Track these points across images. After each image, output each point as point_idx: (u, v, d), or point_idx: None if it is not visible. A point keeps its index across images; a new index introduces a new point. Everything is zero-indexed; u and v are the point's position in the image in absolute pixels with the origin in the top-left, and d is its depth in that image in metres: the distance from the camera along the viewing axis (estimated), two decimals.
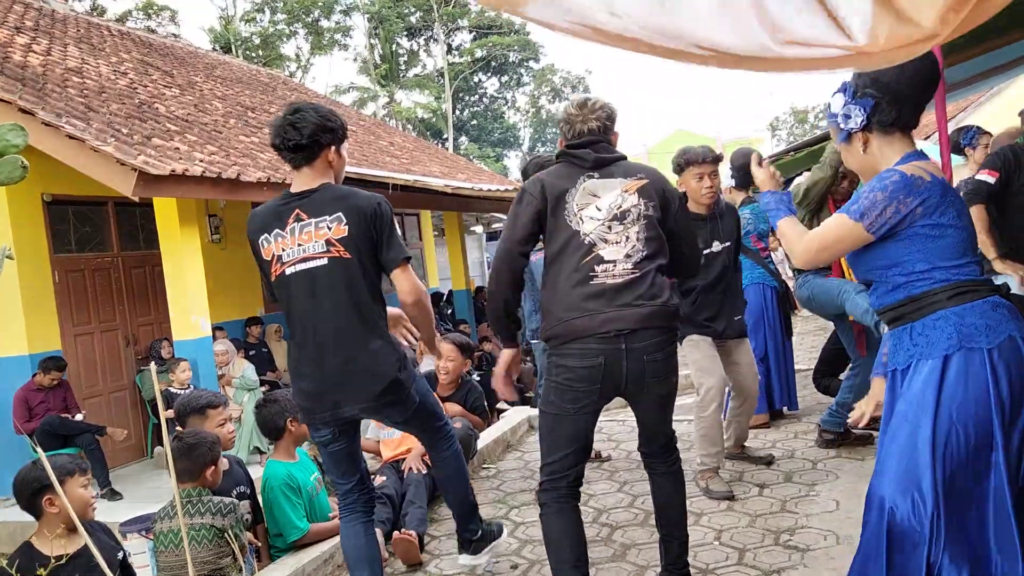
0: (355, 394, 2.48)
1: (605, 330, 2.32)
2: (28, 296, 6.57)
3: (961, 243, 1.91)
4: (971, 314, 1.87)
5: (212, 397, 3.42)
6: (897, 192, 1.88)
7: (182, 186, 5.81)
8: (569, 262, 2.40)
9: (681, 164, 3.69)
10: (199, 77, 10.92)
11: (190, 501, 2.88)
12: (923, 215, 1.88)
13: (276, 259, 2.48)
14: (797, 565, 2.83)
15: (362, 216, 2.43)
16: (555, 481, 2.44)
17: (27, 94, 6.03)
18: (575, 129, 2.55)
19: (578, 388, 2.38)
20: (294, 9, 26.79)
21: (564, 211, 2.44)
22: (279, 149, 2.51)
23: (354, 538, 2.66)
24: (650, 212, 2.46)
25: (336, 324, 2.43)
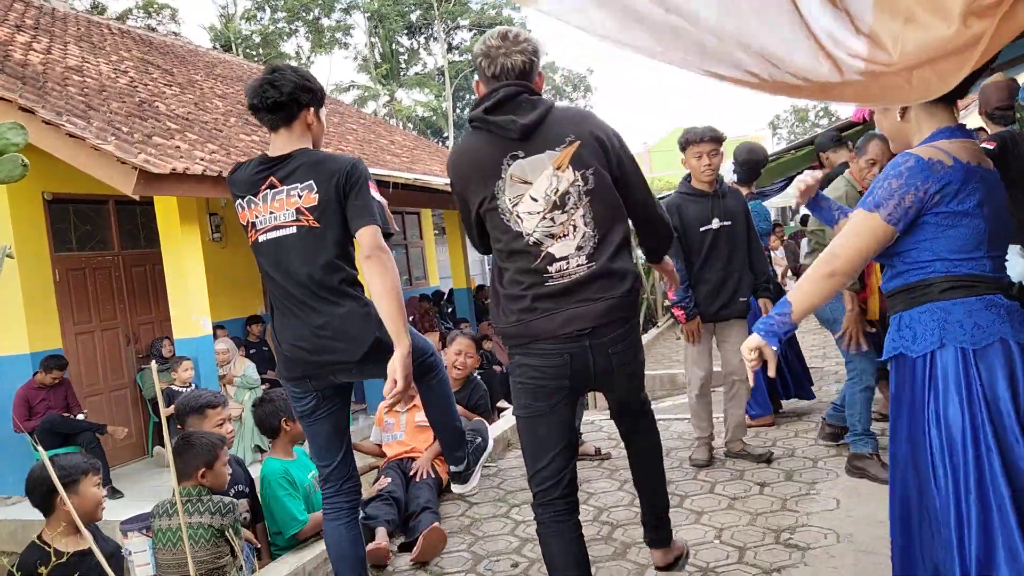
0: (333, 360, 2.42)
1: (565, 331, 2.18)
2: (29, 295, 6.57)
3: (977, 234, 1.77)
4: (959, 310, 1.77)
5: (211, 397, 3.42)
6: (914, 178, 1.75)
7: (183, 185, 5.81)
8: (518, 264, 2.23)
9: (682, 143, 3.85)
10: (199, 75, 10.92)
11: (189, 500, 2.86)
12: (939, 203, 1.75)
13: (251, 225, 2.46)
14: (798, 563, 2.83)
15: (331, 181, 2.36)
16: (548, 491, 2.28)
17: (27, 92, 6.03)
18: (496, 64, 2.22)
19: (548, 385, 2.23)
20: (294, 7, 26.79)
21: (498, 209, 2.21)
22: (256, 110, 2.42)
23: (336, 540, 2.60)
24: (592, 184, 2.19)
25: (305, 292, 2.40)
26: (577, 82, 33.76)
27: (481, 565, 3.20)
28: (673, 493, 3.73)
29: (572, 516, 2.30)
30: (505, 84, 2.20)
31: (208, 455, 2.92)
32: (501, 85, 2.21)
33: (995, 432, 1.71)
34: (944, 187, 1.75)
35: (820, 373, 6.36)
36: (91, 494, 2.71)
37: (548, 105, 2.22)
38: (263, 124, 2.47)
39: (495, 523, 3.68)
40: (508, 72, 2.22)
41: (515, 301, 2.23)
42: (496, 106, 2.19)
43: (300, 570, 3.13)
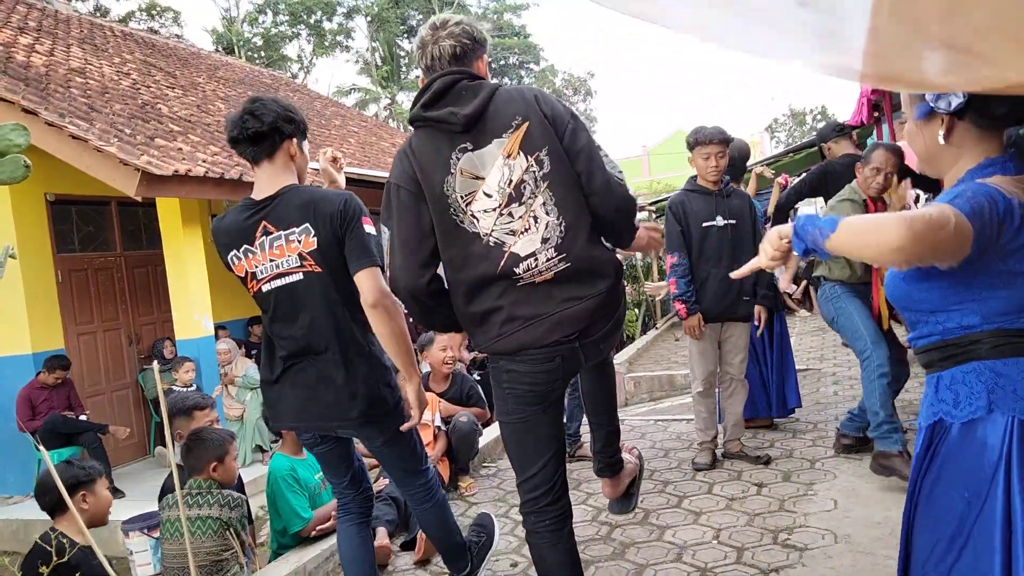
0: (336, 412, 2.33)
1: (553, 339, 2.00)
2: (31, 295, 6.59)
3: None
4: (1011, 372, 1.46)
5: (199, 399, 3.49)
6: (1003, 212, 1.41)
7: (185, 186, 5.84)
8: (477, 272, 2.01)
9: (690, 143, 3.92)
10: (202, 78, 10.96)
11: (200, 492, 2.95)
12: (1006, 254, 1.43)
13: (250, 276, 2.34)
14: (795, 564, 2.84)
15: (327, 222, 2.25)
16: (539, 499, 2.11)
17: (30, 94, 6.06)
18: (427, 54, 2.07)
19: (540, 390, 2.06)
20: (296, 11, 26.84)
21: (449, 209, 1.99)
22: (237, 142, 2.32)
23: (348, 540, 2.61)
24: (547, 167, 1.98)
25: (316, 340, 2.30)
26: (578, 85, 33.80)
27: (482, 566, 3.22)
28: (671, 494, 3.76)
29: (566, 524, 2.15)
30: (440, 74, 2.01)
31: (219, 449, 3.02)
32: (436, 76, 2.02)
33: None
34: (1016, 236, 1.42)
35: (817, 375, 6.38)
36: (104, 495, 2.83)
37: (492, 89, 2.01)
38: (244, 158, 2.36)
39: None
40: (438, 60, 2.04)
41: (492, 314, 2.01)
42: (434, 99, 2.00)
43: (301, 569, 3.15)
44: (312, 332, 2.30)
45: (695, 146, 3.89)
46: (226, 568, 2.84)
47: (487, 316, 2.03)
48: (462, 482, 4.28)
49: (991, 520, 1.42)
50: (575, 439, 4.47)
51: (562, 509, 2.15)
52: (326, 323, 2.29)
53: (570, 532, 2.17)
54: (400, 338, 2.28)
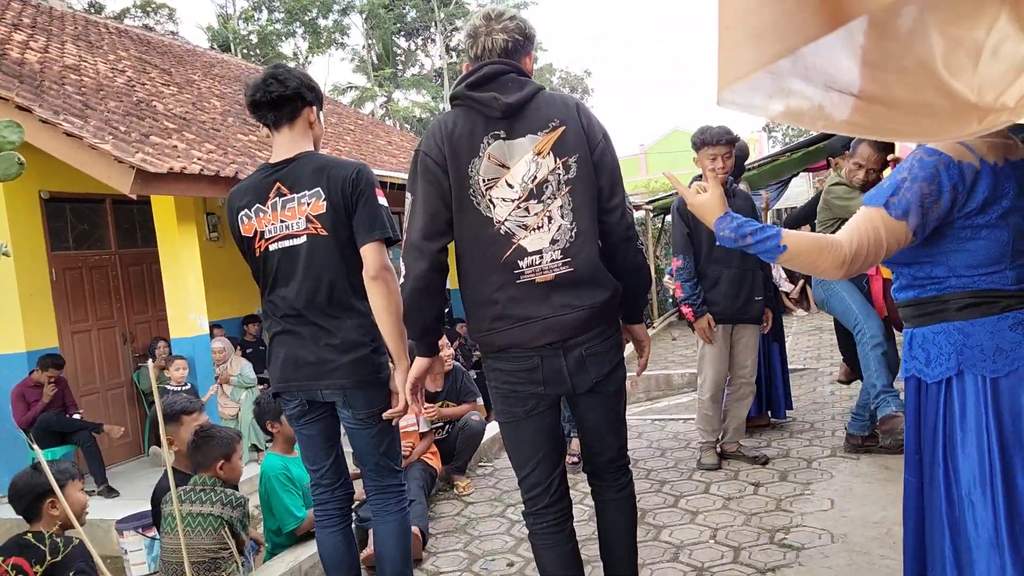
0: (326, 368, 2.36)
1: (540, 343, 2.02)
2: (25, 293, 6.56)
3: (998, 247, 1.53)
4: (980, 332, 1.53)
5: (186, 403, 3.50)
6: (948, 182, 1.50)
7: (180, 184, 5.81)
8: (487, 257, 2.03)
9: (697, 143, 3.85)
10: (197, 75, 10.92)
11: (203, 489, 2.97)
12: (964, 215, 1.52)
13: (259, 235, 2.37)
14: (792, 563, 2.84)
15: (338, 187, 2.30)
16: (537, 500, 2.13)
17: (24, 91, 6.03)
18: (479, 45, 2.09)
19: (521, 391, 2.08)
20: (292, 8, 26.78)
21: (469, 189, 2.01)
22: (259, 106, 2.34)
23: (329, 547, 2.57)
24: (573, 173, 2.02)
25: (314, 301, 2.34)
26: (575, 84, 33.78)
27: (477, 564, 3.21)
28: (668, 493, 3.75)
29: (565, 526, 2.15)
30: (492, 61, 2.06)
31: (227, 447, 3.05)
32: (486, 63, 2.06)
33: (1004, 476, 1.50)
34: (970, 196, 1.51)
35: (814, 374, 6.38)
36: (77, 498, 2.75)
37: (536, 87, 2.07)
38: (264, 123, 2.39)
39: (491, 522, 3.69)
40: (489, 52, 2.08)
41: (486, 307, 2.04)
42: (480, 82, 2.04)
43: (296, 568, 3.14)
44: (309, 294, 2.34)
45: (701, 147, 3.83)
46: (224, 566, 2.84)
47: (482, 306, 2.05)
48: (459, 482, 4.27)
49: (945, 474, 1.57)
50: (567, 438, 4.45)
51: (561, 512, 2.15)
52: (325, 287, 2.33)
53: (570, 533, 2.17)
54: (395, 315, 2.30)
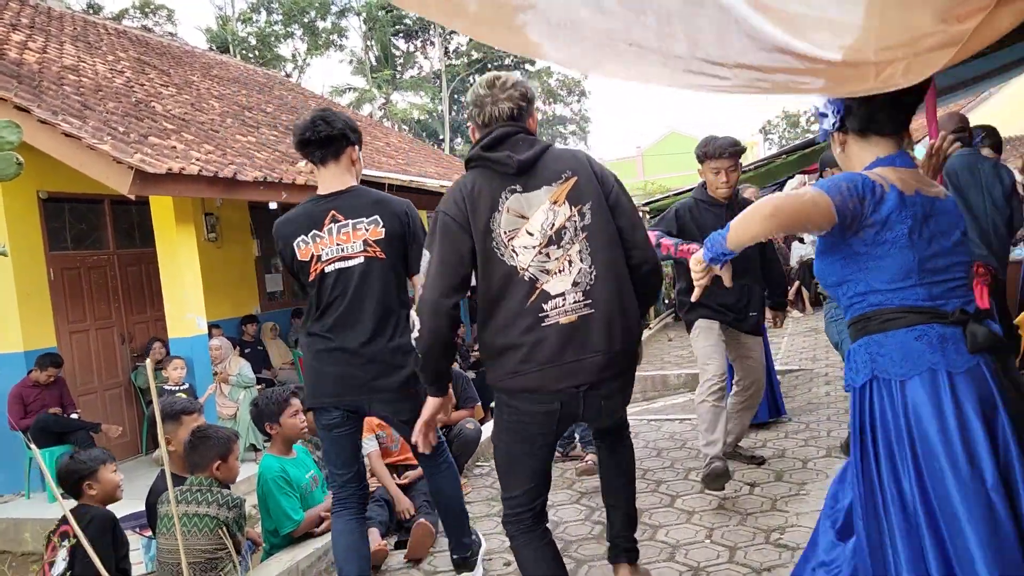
0: (376, 384, 2.59)
1: (561, 387, 2.14)
2: (23, 293, 6.57)
3: (905, 263, 1.75)
4: (890, 343, 1.76)
5: (186, 404, 3.51)
6: (858, 189, 1.75)
7: (179, 184, 5.83)
8: (511, 303, 2.14)
9: (700, 156, 3.66)
10: (196, 76, 10.93)
11: (199, 490, 2.97)
12: (871, 225, 1.75)
13: (315, 259, 2.58)
14: (787, 563, 2.85)
15: (397, 221, 2.60)
16: (519, 515, 2.28)
17: (23, 91, 6.04)
18: (486, 113, 2.25)
19: (532, 431, 2.20)
20: (290, 10, 26.78)
21: (492, 242, 2.15)
22: (307, 144, 2.60)
23: (347, 534, 2.69)
24: (588, 220, 2.18)
25: (367, 319, 2.57)
26: (572, 86, 33.83)
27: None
28: (664, 493, 3.77)
29: (540, 526, 2.31)
30: (501, 125, 2.23)
31: (224, 448, 3.05)
32: (497, 126, 2.24)
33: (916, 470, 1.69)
34: (877, 208, 1.74)
35: (809, 375, 6.40)
36: (110, 479, 3.12)
37: (545, 145, 2.25)
38: (311, 159, 2.64)
39: (488, 522, 3.70)
40: (497, 119, 2.24)
41: (512, 351, 2.13)
42: (492, 144, 2.21)
43: (294, 568, 3.15)
44: (362, 311, 2.57)
45: (705, 159, 3.64)
46: (220, 566, 2.85)
47: (507, 350, 2.16)
48: None
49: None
50: (569, 440, 4.48)
51: (537, 521, 2.31)
52: (379, 304, 2.57)
53: (545, 531, 2.32)
54: None
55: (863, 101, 1.81)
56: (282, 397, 3.56)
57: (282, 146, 8.87)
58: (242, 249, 9.45)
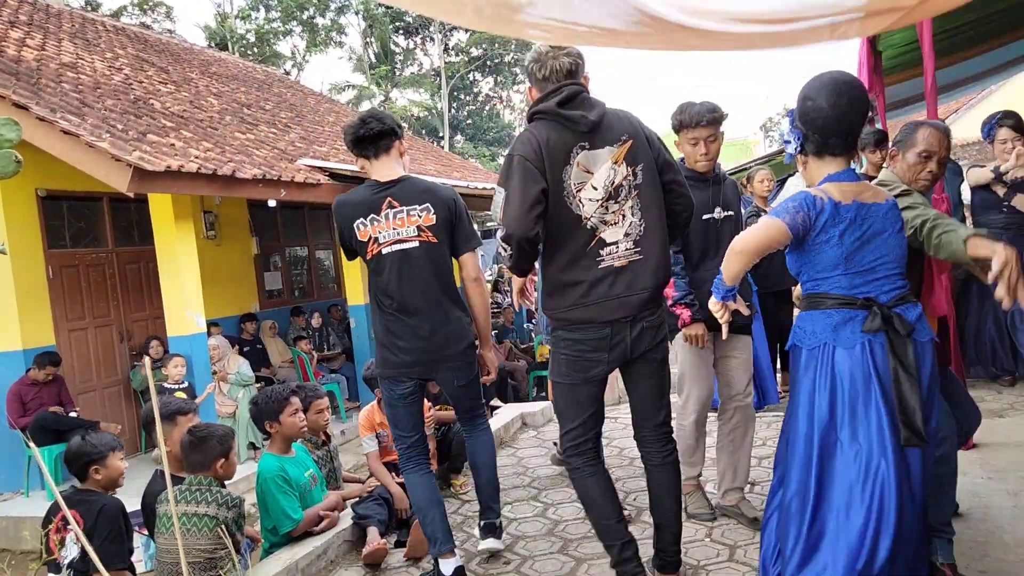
0: (444, 353, 2.92)
1: (611, 318, 2.46)
2: (22, 291, 6.56)
3: (833, 259, 2.20)
4: (808, 320, 2.26)
5: (181, 404, 3.50)
6: (802, 205, 2.19)
7: (177, 182, 5.81)
8: (573, 246, 2.45)
9: (675, 126, 3.26)
10: (195, 73, 10.91)
11: (199, 489, 2.97)
12: (815, 230, 2.19)
13: (372, 240, 2.87)
14: None
15: (445, 207, 2.90)
16: (580, 446, 2.58)
17: (21, 89, 6.02)
18: (547, 67, 2.46)
19: (588, 357, 2.50)
20: (289, 7, 26.74)
21: (563, 191, 2.42)
22: (361, 141, 2.88)
23: (425, 486, 3.00)
24: (640, 179, 2.47)
25: (428, 297, 2.88)
26: None
27: (474, 562, 3.22)
28: None
29: (599, 461, 2.64)
30: (568, 83, 2.44)
31: (225, 445, 3.06)
32: (565, 83, 2.44)
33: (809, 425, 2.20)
34: (816, 217, 2.18)
35: None
36: (116, 466, 3.19)
37: (604, 106, 2.49)
38: (364, 155, 2.91)
39: None
40: (557, 72, 2.46)
41: (572, 287, 2.46)
42: (566, 100, 2.41)
43: (293, 566, 3.15)
44: (422, 289, 2.87)
45: (680, 129, 3.22)
46: (220, 565, 2.84)
47: (569, 286, 2.46)
48: (455, 480, 4.28)
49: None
50: None
51: (597, 451, 2.65)
52: (435, 283, 2.89)
53: (603, 467, 2.66)
54: (486, 307, 3.08)
55: (816, 132, 2.24)
56: (282, 396, 3.56)
57: (281, 143, 8.85)
58: (241, 247, 9.44)
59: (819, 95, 2.24)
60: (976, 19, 4.70)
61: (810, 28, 1.86)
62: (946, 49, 5.08)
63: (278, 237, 10.41)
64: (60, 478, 6.40)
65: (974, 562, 2.68)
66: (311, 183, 7.48)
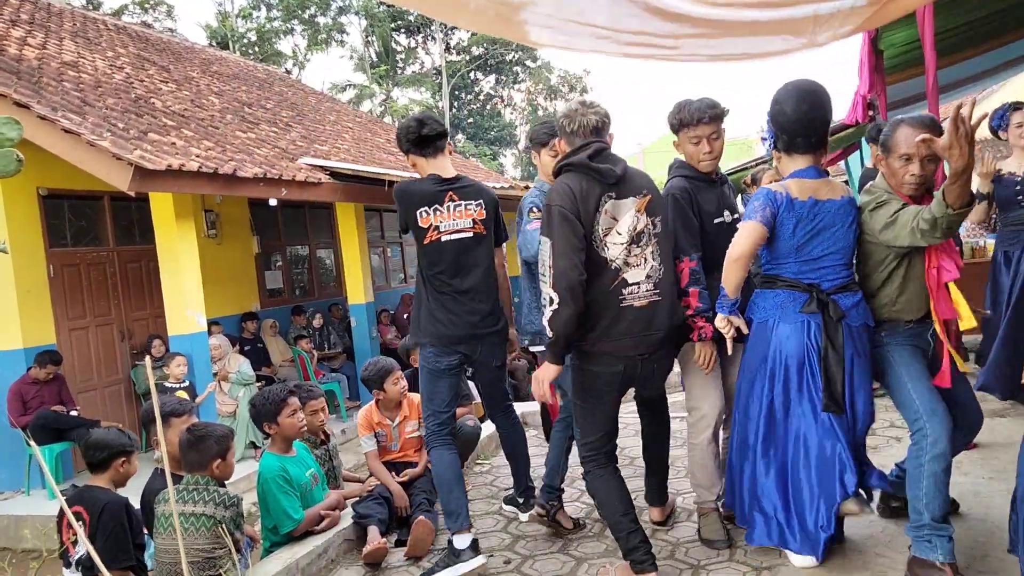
0: (490, 330, 3.26)
1: (627, 355, 2.70)
2: (23, 290, 6.56)
3: (786, 248, 2.62)
4: (761, 297, 2.73)
5: (176, 405, 3.49)
6: (766, 201, 2.60)
7: (178, 181, 5.82)
8: (598, 284, 2.65)
9: (675, 125, 3.10)
10: (196, 72, 10.91)
11: (196, 489, 2.95)
12: (775, 220, 2.59)
13: (433, 228, 3.16)
14: (787, 561, 2.85)
15: (493, 205, 3.30)
16: (596, 453, 2.83)
17: (23, 88, 6.03)
18: (576, 123, 2.73)
19: (603, 389, 2.77)
20: (290, 5, 26.73)
21: (593, 236, 2.67)
22: (424, 140, 3.18)
23: (453, 464, 3.21)
24: (658, 228, 2.76)
25: (479, 281, 3.21)
26: (574, 82, 33.76)
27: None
28: None
29: (613, 464, 2.87)
30: (595, 140, 2.73)
31: (223, 445, 3.04)
32: (592, 140, 2.72)
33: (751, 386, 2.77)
34: (776, 210, 2.58)
35: None
36: (135, 464, 3.31)
37: (625, 162, 2.79)
38: (423, 153, 3.21)
39: (488, 520, 3.70)
40: (584, 127, 2.73)
41: (596, 322, 2.67)
42: (595, 155, 2.69)
43: (293, 565, 3.14)
44: (473, 275, 3.21)
45: (680, 128, 3.07)
46: (218, 565, 2.84)
47: (593, 322, 2.68)
48: None
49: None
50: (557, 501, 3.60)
51: (609, 459, 2.86)
52: (484, 270, 3.24)
53: (616, 469, 2.87)
54: (510, 291, 3.58)
55: (784, 132, 2.62)
56: (279, 397, 3.54)
57: (282, 142, 8.86)
58: (242, 246, 9.44)
59: (787, 101, 2.57)
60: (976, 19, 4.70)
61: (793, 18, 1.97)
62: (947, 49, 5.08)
63: (279, 236, 10.41)
64: (61, 477, 6.41)
65: (974, 562, 2.68)
66: (312, 182, 7.48)
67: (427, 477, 3.98)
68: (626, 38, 2.28)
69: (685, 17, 2.14)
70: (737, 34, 2.37)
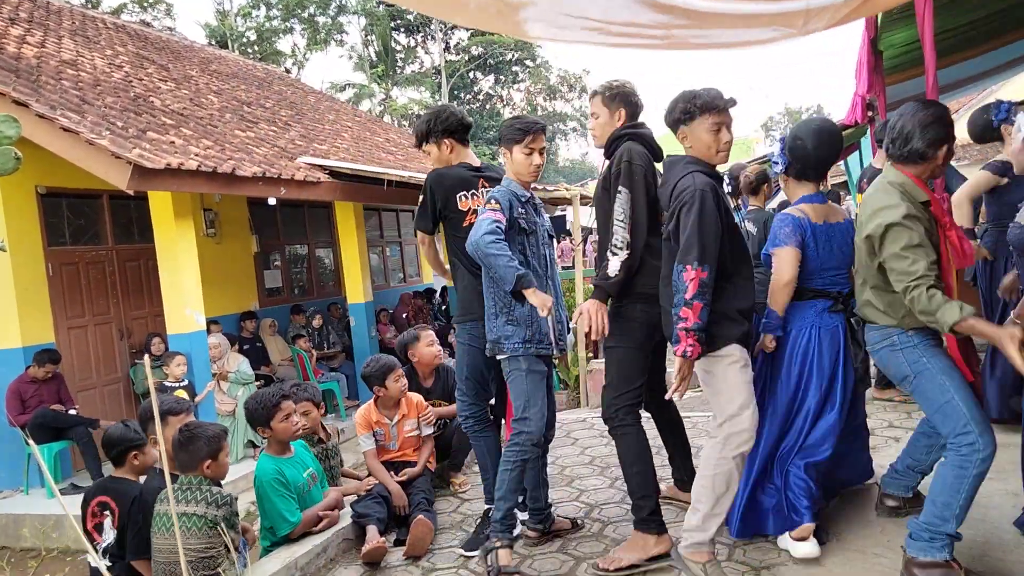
0: None
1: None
2: (21, 289, 6.55)
3: (812, 265, 2.98)
4: (793, 309, 3.01)
5: (173, 403, 3.47)
6: (795, 228, 2.97)
7: (177, 180, 5.81)
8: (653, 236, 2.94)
9: (689, 113, 2.73)
10: (195, 71, 10.90)
11: (189, 489, 2.93)
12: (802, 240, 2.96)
13: (472, 211, 3.33)
14: (786, 561, 2.85)
15: None
16: (631, 407, 3.00)
17: (21, 86, 6.02)
18: (638, 106, 3.12)
19: (654, 324, 2.98)
20: (289, 4, 26.72)
21: (649, 194, 2.97)
22: (467, 129, 3.47)
23: (497, 447, 3.35)
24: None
25: None
26: (573, 83, 33.77)
27: (473, 561, 3.22)
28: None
29: (639, 421, 3.04)
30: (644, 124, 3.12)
31: (213, 445, 3.00)
32: (642, 123, 3.13)
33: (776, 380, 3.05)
34: (804, 234, 2.96)
35: None
36: (152, 454, 3.37)
37: None
38: (461, 141, 3.45)
39: None
40: (640, 108, 3.16)
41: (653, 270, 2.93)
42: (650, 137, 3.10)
43: (292, 564, 3.14)
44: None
45: (698, 115, 2.71)
46: (214, 564, 2.82)
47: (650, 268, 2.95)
48: (454, 479, 4.28)
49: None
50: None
51: (640, 417, 3.04)
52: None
53: (643, 428, 3.03)
54: None
55: (798, 160, 3.03)
56: (271, 402, 3.51)
57: (281, 141, 8.85)
58: (241, 245, 9.43)
59: (807, 138, 2.96)
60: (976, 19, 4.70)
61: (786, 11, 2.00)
62: (947, 49, 5.08)
63: (278, 235, 10.40)
64: (59, 476, 6.41)
65: (974, 562, 2.68)
66: (311, 181, 7.47)
67: (426, 476, 3.99)
68: (616, 29, 2.37)
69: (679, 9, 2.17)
70: (729, 25, 2.40)
